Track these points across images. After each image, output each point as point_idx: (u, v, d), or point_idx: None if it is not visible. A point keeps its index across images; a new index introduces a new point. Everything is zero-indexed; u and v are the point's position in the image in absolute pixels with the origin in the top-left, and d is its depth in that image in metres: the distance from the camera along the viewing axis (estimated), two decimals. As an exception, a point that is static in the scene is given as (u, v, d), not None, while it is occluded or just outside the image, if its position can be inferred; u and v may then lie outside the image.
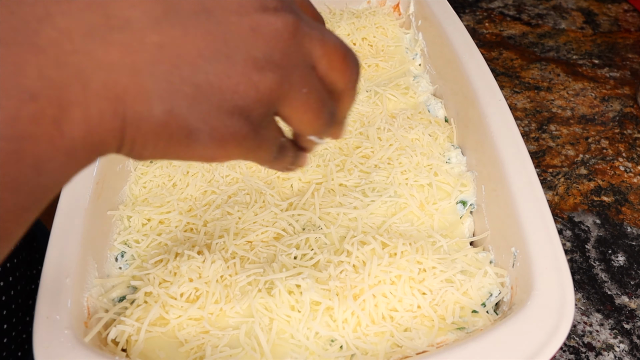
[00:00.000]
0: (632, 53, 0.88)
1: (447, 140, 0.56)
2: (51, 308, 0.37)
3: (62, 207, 0.43)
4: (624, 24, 0.95)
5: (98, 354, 0.35)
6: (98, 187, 0.46)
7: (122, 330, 0.40)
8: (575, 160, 0.70)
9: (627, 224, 0.62)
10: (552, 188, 0.67)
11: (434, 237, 0.47)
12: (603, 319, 0.54)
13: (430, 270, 0.43)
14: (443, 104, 0.60)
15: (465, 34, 0.60)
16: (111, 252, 0.46)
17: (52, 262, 0.40)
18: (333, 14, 0.72)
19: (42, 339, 0.35)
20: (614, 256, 0.59)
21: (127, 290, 0.44)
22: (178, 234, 0.47)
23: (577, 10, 0.99)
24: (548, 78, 0.84)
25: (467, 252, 0.45)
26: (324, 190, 0.50)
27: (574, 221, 0.63)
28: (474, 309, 0.41)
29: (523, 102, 0.79)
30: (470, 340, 0.35)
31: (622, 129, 0.74)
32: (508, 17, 0.98)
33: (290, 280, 0.42)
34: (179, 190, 0.51)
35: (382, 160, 0.52)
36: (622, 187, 0.66)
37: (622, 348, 0.51)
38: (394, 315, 0.41)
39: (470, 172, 0.51)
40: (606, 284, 0.56)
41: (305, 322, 0.40)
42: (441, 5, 0.65)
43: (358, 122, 0.58)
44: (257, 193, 0.50)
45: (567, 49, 0.90)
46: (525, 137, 0.74)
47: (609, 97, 0.79)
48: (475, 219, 0.50)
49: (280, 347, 0.40)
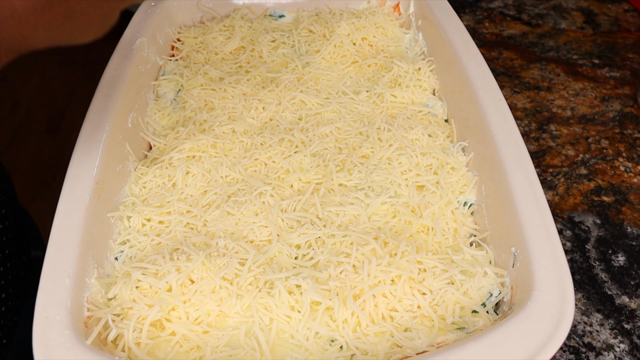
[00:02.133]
0: (632, 53, 0.88)
1: (447, 140, 0.56)
2: (51, 308, 0.37)
3: (61, 207, 0.43)
4: (624, 24, 0.95)
5: (98, 354, 0.35)
6: (98, 187, 0.46)
7: (122, 330, 0.40)
8: (575, 160, 0.70)
9: (627, 224, 0.62)
10: (552, 188, 0.67)
11: (434, 237, 0.47)
12: (603, 319, 0.54)
13: (430, 270, 0.43)
14: (443, 104, 0.60)
15: (465, 34, 0.60)
16: (111, 252, 0.46)
17: (52, 262, 0.40)
18: (333, 14, 0.72)
19: (42, 339, 0.35)
20: (614, 256, 0.59)
21: (126, 291, 0.44)
22: (178, 234, 0.47)
23: (577, 10, 0.99)
24: (548, 78, 0.84)
25: (467, 252, 0.45)
26: (324, 190, 0.50)
27: (574, 221, 0.63)
28: (474, 309, 0.41)
29: (523, 102, 0.79)
30: (470, 340, 0.35)
31: (622, 128, 0.74)
32: (508, 17, 0.98)
33: (290, 280, 0.42)
34: (179, 191, 0.51)
35: (382, 160, 0.52)
36: (622, 187, 0.66)
37: (622, 348, 0.51)
38: (394, 315, 0.41)
39: (471, 172, 0.51)
40: (606, 284, 0.56)
41: (305, 322, 0.40)
42: (441, 5, 0.65)
43: (358, 122, 0.58)
44: (257, 193, 0.50)
45: (567, 48, 0.90)
46: (526, 137, 0.74)
47: (609, 97, 0.79)
48: (475, 219, 0.50)
49: (280, 347, 0.40)
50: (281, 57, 0.67)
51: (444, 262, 0.44)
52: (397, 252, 0.43)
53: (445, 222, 0.48)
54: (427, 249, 0.46)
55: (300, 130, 0.56)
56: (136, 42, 0.60)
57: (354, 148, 0.55)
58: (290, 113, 0.59)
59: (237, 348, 0.39)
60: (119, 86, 0.54)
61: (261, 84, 0.63)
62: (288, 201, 0.49)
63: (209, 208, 0.49)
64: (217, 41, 0.69)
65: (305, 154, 0.53)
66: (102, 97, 0.53)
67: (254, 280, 0.42)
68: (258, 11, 0.74)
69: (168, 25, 0.69)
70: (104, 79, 0.55)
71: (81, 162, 0.46)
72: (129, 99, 0.55)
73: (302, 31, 0.70)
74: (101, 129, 0.49)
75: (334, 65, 0.66)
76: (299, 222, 0.48)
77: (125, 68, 0.56)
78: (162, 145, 0.56)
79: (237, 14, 0.73)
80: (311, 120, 0.58)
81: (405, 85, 0.61)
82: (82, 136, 0.49)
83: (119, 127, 0.52)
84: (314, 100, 0.60)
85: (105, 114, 0.51)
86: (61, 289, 0.38)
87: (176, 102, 0.62)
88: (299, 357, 0.39)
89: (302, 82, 0.63)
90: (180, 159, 0.54)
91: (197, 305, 0.41)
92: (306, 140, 0.55)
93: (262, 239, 0.47)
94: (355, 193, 0.49)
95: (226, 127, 0.57)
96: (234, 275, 0.43)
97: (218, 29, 0.70)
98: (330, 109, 0.59)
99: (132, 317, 0.40)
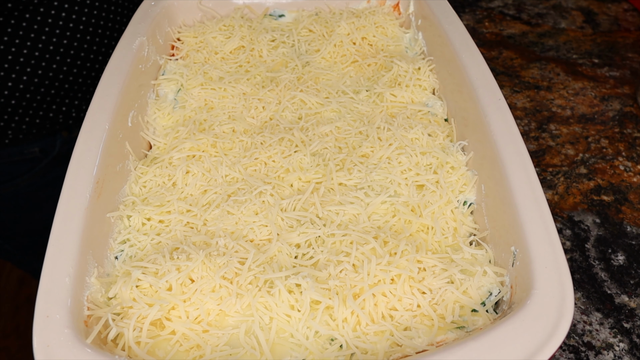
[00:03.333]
0: (631, 52, 0.88)
1: (447, 139, 0.56)
2: (51, 307, 0.37)
3: (62, 207, 0.43)
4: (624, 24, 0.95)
5: (98, 354, 0.35)
6: (98, 187, 0.46)
7: (122, 329, 0.40)
8: (575, 159, 0.70)
9: (626, 223, 0.62)
10: (552, 187, 0.67)
11: (434, 236, 0.47)
12: (603, 318, 0.54)
13: (430, 269, 0.43)
14: (443, 104, 0.60)
15: (465, 34, 0.60)
16: (111, 252, 0.46)
17: (52, 261, 0.40)
18: (333, 13, 0.73)
19: (42, 338, 0.35)
20: (614, 255, 0.59)
21: (126, 290, 0.44)
22: (178, 234, 0.47)
23: (577, 10, 0.99)
24: (548, 77, 0.84)
25: (466, 251, 0.45)
26: (323, 189, 0.50)
27: (573, 220, 0.63)
28: (474, 308, 0.41)
29: (523, 102, 0.79)
30: (470, 339, 0.35)
31: (622, 128, 0.74)
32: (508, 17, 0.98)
33: (290, 279, 0.42)
34: (179, 190, 0.51)
35: (382, 159, 0.53)
36: (622, 187, 0.66)
37: (621, 347, 0.51)
38: (394, 314, 0.41)
39: (470, 171, 0.52)
40: (606, 283, 0.56)
41: (305, 322, 0.40)
42: (441, 4, 0.65)
43: (358, 121, 0.58)
44: (257, 192, 0.50)
45: (567, 48, 0.90)
46: (525, 136, 0.74)
47: (609, 97, 0.79)
48: (475, 218, 0.50)
49: (280, 347, 0.40)
50: (281, 57, 0.67)
51: (443, 261, 0.44)
52: (396, 251, 0.43)
53: (444, 221, 0.48)
54: (427, 248, 0.46)
55: (300, 130, 0.56)
56: (136, 41, 0.60)
57: (354, 147, 0.55)
58: (290, 112, 0.60)
59: (237, 347, 0.39)
60: (119, 85, 0.54)
61: (261, 83, 0.63)
62: (288, 200, 0.49)
63: (209, 207, 0.49)
64: (217, 41, 0.69)
65: (305, 153, 0.53)
66: (102, 96, 0.53)
67: (254, 279, 0.43)
68: (258, 11, 0.74)
69: (168, 25, 0.69)
70: (104, 78, 0.55)
71: (81, 161, 0.47)
72: (129, 98, 0.56)
73: (302, 31, 0.70)
74: (101, 128, 0.49)
75: (333, 65, 0.66)
76: (299, 221, 0.48)
77: (125, 67, 0.57)
78: (162, 145, 0.57)
79: (237, 13, 0.73)
80: (311, 119, 0.58)
81: (405, 85, 0.61)
82: (82, 135, 0.49)
83: (119, 126, 0.52)
84: (314, 100, 0.60)
85: (105, 113, 0.51)
86: (61, 288, 0.38)
87: (176, 101, 0.62)
88: (298, 356, 0.39)
89: (302, 81, 0.63)
90: (180, 159, 0.54)
91: (197, 304, 0.41)
92: (306, 140, 0.55)
93: (262, 238, 0.47)
94: (355, 192, 0.49)
95: (226, 127, 0.57)
96: (233, 275, 0.43)
97: (218, 29, 0.70)
98: (330, 108, 0.59)
99: (132, 316, 0.40)
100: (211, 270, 0.43)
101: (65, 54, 0.81)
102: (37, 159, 0.87)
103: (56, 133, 0.87)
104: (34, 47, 0.77)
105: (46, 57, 0.79)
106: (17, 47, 0.76)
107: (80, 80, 0.85)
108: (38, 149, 0.86)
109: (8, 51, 0.75)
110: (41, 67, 0.79)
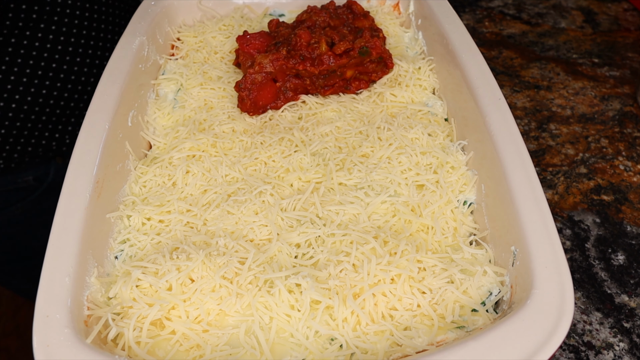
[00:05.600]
0: (631, 52, 0.88)
1: (447, 139, 0.56)
2: (51, 307, 0.37)
3: (62, 206, 0.43)
4: (624, 23, 0.95)
5: (98, 353, 0.35)
6: (98, 186, 0.46)
7: (122, 329, 0.40)
8: (575, 159, 0.70)
9: (626, 222, 0.62)
10: (552, 187, 0.67)
11: (434, 236, 0.47)
12: (603, 317, 0.54)
13: (430, 269, 0.43)
14: (443, 103, 0.60)
15: (465, 33, 0.60)
16: (111, 251, 0.46)
17: (52, 261, 0.40)
18: (333, 13, 0.72)
19: (42, 337, 0.35)
20: (614, 255, 0.59)
21: (126, 290, 0.44)
22: (178, 233, 0.47)
23: (577, 9, 0.99)
24: (548, 77, 0.84)
25: (466, 251, 0.45)
26: (323, 189, 0.50)
27: (573, 220, 0.63)
28: (474, 308, 0.41)
29: (523, 101, 0.79)
30: (470, 339, 0.35)
31: (622, 127, 0.74)
32: (508, 16, 0.98)
33: (290, 279, 0.42)
34: (179, 190, 0.51)
35: (382, 159, 0.53)
36: (622, 186, 0.66)
37: (621, 347, 0.51)
38: (394, 314, 0.41)
39: (470, 171, 0.51)
40: (606, 283, 0.56)
41: (305, 321, 0.40)
42: (441, 4, 0.65)
43: (358, 121, 0.58)
44: (257, 192, 0.50)
45: (567, 48, 0.90)
46: (525, 136, 0.74)
47: (609, 96, 0.79)
48: (475, 218, 0.50)
49: (279, 346, 0.40)
50: (281, 56, 0.67)
51: (443, 261, 0.44)
52: (396, 251, 0.43)
53: (444, 221, 0.48)
54: (427, 248, 0.46)
55: (300, 130, 0.56)
56: (136, 41, 0.60)
57: (354, 147, 0.55)
58: (290, 112, 0.60)
59: (237, 347, 0.39)
60: (118, 85, 0.54)
61: (261, 83, 0.63)
62: (288, 200, 0.49)
63: (209, 207, 0.49)
64: (216, 40, 0.69)
65: (305, 153, 0.53)
66: (102, 96, 0.53)
67: (254, 279, 0.43)
68: (258, 10, 0.74)
69: (168, 25, 0.69)
70: (104, 77, 0.55)
71: (81, 161, 0.47)
72: (129, 98, 0.55)
73: (302, 30, 0.70)
74: (101, 128, 0.49)
75: (333, 65, 0.66)
76: (299, 221, 0.48)
77: (125, 67, 0.56)
78: (162, 144, 0.57)
79: (237, 13, 0.73)
80: (311, 119, 0.58)
81: (405, 85, 0.61)
82: (82, 135, 0.49)
83: (119, 126, 0.52)
84: (314, 100, 0.60)
85: (105, 113, 0.51)
86: (61, 288, 0.38)
87: (176, 101, 0.62)
88: (298, 356, 0.39)
89: (302, 81, 0.63)
90: (180, 158, 0.54)
91: (197, 304, 0.41)
92: (306, 140, 0.55)
93: (262, 238, 0.47)
94: (355, 192, 0.49)
95: (226, 127, 0.57)
96: (234, 274, 0.43)
97: (218, 28, 0.70)
98: (330, 108, 0.59)
99: (132, 316, 0.40)
100: (211, 270, 0.43)
101: (55, 77, 0.79)
102: (32, 188, 0.85)
103: (50, 160, 0.85)
104: (23, 70, 0.75)
105: (35, 81, 0.77)
106: (5, 72, 0.74)
107: (72, 105, 0.83)
108: (32, 177, 0.84)
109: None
110: (30, 93, 0.77)
